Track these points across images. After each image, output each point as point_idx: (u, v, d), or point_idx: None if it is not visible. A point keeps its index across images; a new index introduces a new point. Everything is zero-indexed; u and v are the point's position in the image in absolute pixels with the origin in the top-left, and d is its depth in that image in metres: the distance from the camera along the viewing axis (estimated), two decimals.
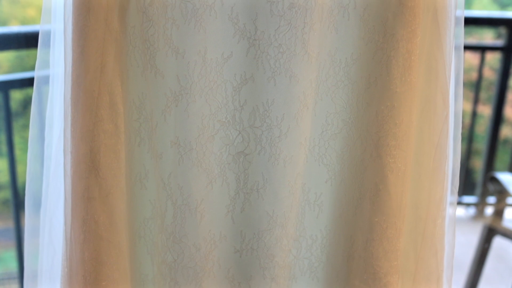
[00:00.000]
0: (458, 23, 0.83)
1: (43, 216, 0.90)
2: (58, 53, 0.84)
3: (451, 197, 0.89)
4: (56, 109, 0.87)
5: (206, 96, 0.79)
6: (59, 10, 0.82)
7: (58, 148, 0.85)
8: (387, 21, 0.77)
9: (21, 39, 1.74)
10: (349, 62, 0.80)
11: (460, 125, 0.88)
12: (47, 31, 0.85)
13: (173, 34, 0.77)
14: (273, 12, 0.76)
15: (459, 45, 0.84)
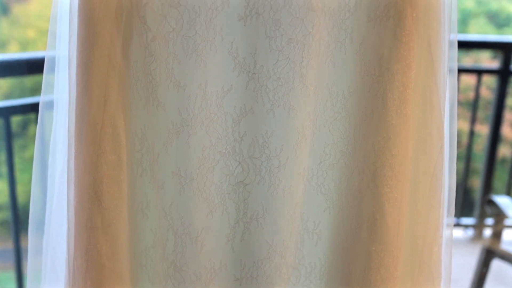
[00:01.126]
0: (452, 47, 0.85)
1: (46, 244, 0.91)
2: (63, 78, 0.86)
3: (448, 218, 0.91)
4: (60, 139, 0.88)
5: (207, 127, 0.81)
6: (64, 37, 0.84)
7: (61, 178, 0.86)
8: (382, 56, 0.79)
9: (22, 65, 1.77)
10: (346, 94, 0.82)
11: (455, 146, 0.90)
12: (52, 57, 0.86)
13: (174, 68, 0.79)
14: (272, 47, 0.78)
15: (453, 68, 0.87)
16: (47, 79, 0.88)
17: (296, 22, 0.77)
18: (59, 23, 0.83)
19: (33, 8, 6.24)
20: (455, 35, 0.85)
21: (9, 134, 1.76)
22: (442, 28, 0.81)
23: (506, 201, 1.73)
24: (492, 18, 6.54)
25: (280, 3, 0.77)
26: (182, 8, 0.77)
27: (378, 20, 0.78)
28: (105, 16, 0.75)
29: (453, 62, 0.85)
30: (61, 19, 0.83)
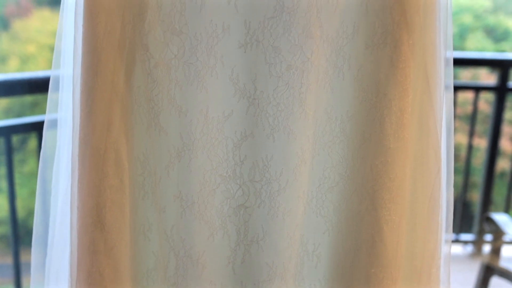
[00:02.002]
0: (448, 64, 0.86)
1: (48, 267, 0.92)
2: (67, 97, 0.87)
3: (446, 235, 0.92)
4: (63, 162, 0.90)
5: (208, 152, 0.82)
6: (68, 56, 0.85)
7: (64, 202, 0.88)
8: (380, 81, 0.81)
9: (24, 85, 1.79)
10: (344, 119, 0.84)
11: (452, 161, 0.91)
12: (57, 76, 0.87)
13: (176, 94, 0.81)
14: (272, 73, 0.80)
15: (449, 85, 0.88)
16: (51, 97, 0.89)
17: (295, 49, 0.79)
18: (64, 43, 0.85)
19: (33, 23, 6.28)
20: (451, 53, 0.86)
21: (9, 152, 1.78)
22: (438, 54, 0.83)
23: (504, 218, 1.74)
24: (489, 32, 6.59)
25: (279, 30, 0.79)
26: (184, 36, 0.79)
27: (375, 47, 0.80)
28: (108, 44, 0.77)
29: (449, 79, 0.87)
30: (66, 39, 0.85)
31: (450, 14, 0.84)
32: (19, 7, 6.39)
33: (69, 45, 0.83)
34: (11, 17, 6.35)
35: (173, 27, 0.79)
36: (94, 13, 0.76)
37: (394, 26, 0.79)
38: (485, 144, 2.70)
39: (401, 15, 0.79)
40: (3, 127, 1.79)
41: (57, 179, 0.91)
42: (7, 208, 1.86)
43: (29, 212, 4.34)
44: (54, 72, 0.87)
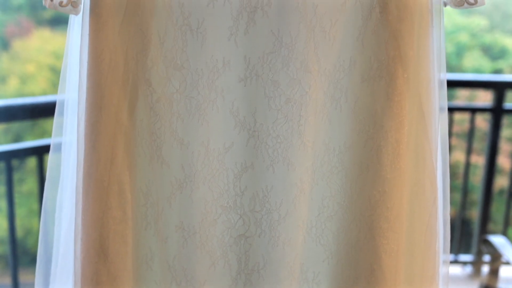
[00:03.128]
0: (441, 86, 0.88)
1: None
2: (71, 121, 0.88)
3: (444, 255, 0.93)
4: (67, 192, 0.91)
5: (209, 183, 0.84)
6: (72, 82, 0.87)
7: (68, 233, 0.89)
8: (376, 114, 0.83)
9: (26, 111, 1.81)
10: (342, 149, 0.86)
11: (448, 181, 0.93)
12: (62, 100, 0.89)
13: (178, 127, 0.83)
14: (271, 107, 0.82)
15: (444, 106, 0.90)
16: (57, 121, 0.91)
17: (294, 83, 0.81)
18: (69, 69, 0.87)
19: (33, 43, 6.32)
20: (444, 75, 0.89)
21: (10, 178, 1.79)
22: (432, 87, 0.85)
23: (501, 241, 1.76)
24: (486, 51, 6.63)
25: (278, 65, 0.81)
26: (185, 71, 0.81)
27: (371, 80, 0.83)
28: (112, 80, 0.79)
29: (443, 100, 0.89)
30: (71, 65, 0.87)
31: (443, 39, 0.86)
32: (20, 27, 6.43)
33: (73, 70, 0.86)
34: (12, 37, 6.39)
35: (175, 63, 0.81)
36: (99, 50, 0.78)
37: (389, 60, 0.81)
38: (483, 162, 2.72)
39: (395, 50, 0.81)
40: (3, 152, 1.81)
41: (60, 209, 0.93)
42: (5, 228, 1.87)
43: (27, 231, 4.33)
44: (60, 96, 0.89)
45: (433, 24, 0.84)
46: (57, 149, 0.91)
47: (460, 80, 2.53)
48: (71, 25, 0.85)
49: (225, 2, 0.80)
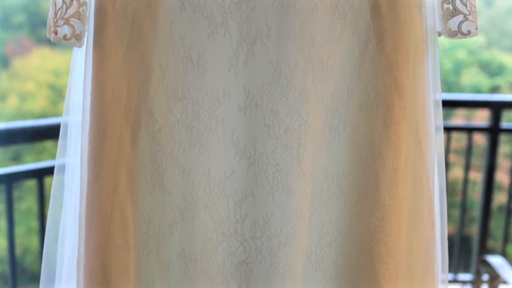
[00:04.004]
0: (437, 106, 0.90)
1: None
2: (75, 143, 0.90)
3: (442, 275, 0.94)
4: (70, 220, 0.93)
5: (210, 210, 0.86)
6: (76, 105, 0.88)
7: (71, 260, 0.90)
8: (374, 142, 0.85)
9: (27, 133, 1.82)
10: (341, 176, 0.87)
11: (445, 200, 0.94)
12: (66, 123, 0.90)
13: (179, 156, 0.84)
14: (271, 135, 0.84)
15: (440, 126, 0.91)
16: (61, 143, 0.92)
17: (293, 112, 0.83)
18: (72, 94, 0.89)
19: (33, 61, 6.34)
20: (440, 95, 0.90)
21: (10, 201, 1.80)
22: (428, 115, 0.87)
23: (499, 261, 1.76)
24: (484, 67, 6.67)
25: (277, 95, 0.83)
26: (186, 101, 0.83)
27: (368, 109, 0.84)
28: (115, 110, 0.81)
29: (439, 120, 0.91)
30: (74, 90, 0.88)
31: (438, 62, 0.88)
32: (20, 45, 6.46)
33: (76, 95, 0.87)
34: (12, 55, 6.41)
35: (176, 93, 0.83)
36: (102, 82, 0.80)
37: (385, 90, 0.83)
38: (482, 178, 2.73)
39: (392, 79, 0.83)
40: (3, 175, 1.82)
41: (63, 237, 0.94)
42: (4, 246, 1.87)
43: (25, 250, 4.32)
44: (64, 119, 0.90)
45: (429, 54, 0.86)
46: (61, 170, 0.93)
47: (457, 100, 2.56)
48: (75, 52, 0.87)
49: (225, 34, 0.82)
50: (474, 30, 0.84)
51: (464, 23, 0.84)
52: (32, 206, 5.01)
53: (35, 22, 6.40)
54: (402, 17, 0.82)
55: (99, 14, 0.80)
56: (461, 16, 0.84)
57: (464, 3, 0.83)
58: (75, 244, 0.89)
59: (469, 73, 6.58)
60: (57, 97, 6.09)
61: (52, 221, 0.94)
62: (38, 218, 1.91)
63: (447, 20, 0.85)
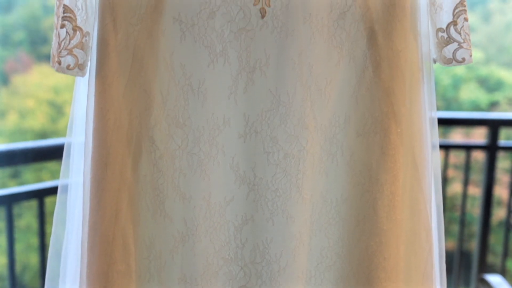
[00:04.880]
0: (433, 124, 0.91)
1: None
2: (77, 163, 0.91)
3: None
4: (72, 245, 0.94)
5: (211, 236, 0.87)
6: (78, 126, 0.90)
7: (72, 286, 0.91)
8: (371, 167, 0.86)
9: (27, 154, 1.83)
10: (339, 201, 0.89)
11: (442, 215, 0.95)
12: (70, 143, 0.92)
13: (180, 182, 0.86)
14: (270, 161, 0.85)
15: (436, 144, 0.93)
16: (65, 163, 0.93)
17: (291, 139, 0.85)
18: (76, 115, 0.90)
19: (33, 78, 6.36)
20: (435, 113, 0.92)
21: (10, 223, 1.80)
22: (425, 141, 0.88)
23: (498, 280, 1.77)
24: (482, 83, 6.70)
25: (276, 122, 0.84)
26: (187, 128, 0.85)
27: (366, 135, 0.86)
28: (117, 138, 0.82)
29: (435, 138, 0.92)
30: (77, 110, 0.90)
31: (433, 80, 0.90)
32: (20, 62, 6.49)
33: (79, 117, 0.89)
34: (11, 72, 6.44)
35: (177, 121, 0.85)
36: (104, 111, 0.82)
37: (382, 116, 0.85)
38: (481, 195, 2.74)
39: (388, 106, 0.85)
40: (3, 196, 1.82)
41: (65, 263, 0.95)
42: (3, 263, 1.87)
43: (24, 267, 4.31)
44: (67, 139, 0.92)
45: (424, 80, 0.88)
46: (65, 190, 0.94)
47: (455, 118, 2.58)
48: (78, 79, 0.89)
49: (225, 62, 0.83)
50: (468, 58, 0.86)
51: (459, 51, 0.86)
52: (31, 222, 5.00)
53: (35, 39, 6.43)
54: (397, 45, 0.84)
55: (101, 44, 0.82)
56: (456, 44, 0.86)
57: (458, 31, 0.85)
58: (77, 269, 0.90)
59: (468, 89, 6.61)
60: (57, 114, 6.11)
61: (55, 239, 0.95)
62: (38, 236, 1.92)
63: (442, 48, 0.87)
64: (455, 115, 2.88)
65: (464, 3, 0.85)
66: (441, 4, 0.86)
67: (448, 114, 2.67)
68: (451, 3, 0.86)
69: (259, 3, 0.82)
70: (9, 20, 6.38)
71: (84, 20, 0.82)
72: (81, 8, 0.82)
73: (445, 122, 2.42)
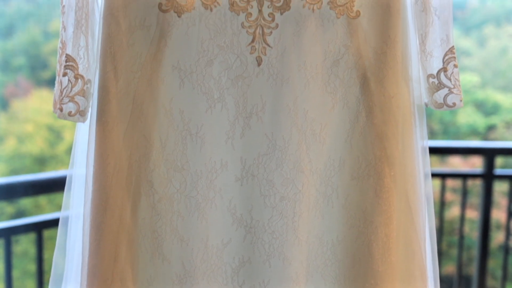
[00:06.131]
0: (424, 153, 0.93)
1: None
2: (77, 196, 0.92)
3: None
4: (71, 284, 0.95)
5: (208, 278, 0.88)
6: (78, 159, 0.92)
7: None
8: (366, 210, 0.88)
9: (28, 187, 1.84)
10: (335, 243, 0.90)
11: (435, 245, 0.96)
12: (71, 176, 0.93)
13: (178, 225, 0.87)
14: (267, 204, 0.87)
15: (428, 173, 0.94)
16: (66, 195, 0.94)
17: (288, 182, 0.87)
18: (77, 147, 0.92)
19: (32, 103, 6.38)
20: (427, 142, 0.94)
21: (9, 256, 1.80)
22: (418, 182, 0.90)
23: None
24: (479, 106, 6.74)
25: (272, 166, 0.86)
26: (185, 172, 0.87)
27: (360, 178, 0.88)
28: (117, 183, 0.84)
29: (427, 167, 0.94)
30: (79, 142, 0.92)
31: (424, 115, 0.92)
32: (19, 87, 6.51)
33: (81, 149, 0.91)
34: (11, 97, 6.46)
35: (175, 165, 0.87)
36: (104, 156, 0.84)
37: (376, 160, 0.87)
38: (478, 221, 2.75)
39: (382, 150, 0.87)
40: (2, 229, 1.82)
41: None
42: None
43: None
44: (69, 172, 0.93)
45: (416, 124, 0.90)
46: (67, 221, 0.95)
47: (451, 147, 2.61)
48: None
49: (222, 108, 0.86)
50: (459, 103, 0.88)
51: (449, 96, 0.88)
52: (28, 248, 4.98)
53: (35, 65, 6.47)
54: (389, 91, 0.87)
55: (102, 91, 0.84)
56: (446, 90, 0.88)
57: (448, 77, 0.88)
58: None
59: (465, 113, 6.65)
60: (56, 138, 6.12)
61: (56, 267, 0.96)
62: (36, 268, 1.92)
63: (433, 93, 0.89)
64: (451, 144, 2.91)
65: (453, 50, 0.88)
66: (431, 52, 0.88)
67: (444, 143, 2.70)
68: (441, 51, 0.88)
69: (255, 51, 0.85)
70: (9, 46, 6.43)
71: (85, 68, 0.85)
72: (83, 57, 0.84)
73: (442, 151, 2.45)
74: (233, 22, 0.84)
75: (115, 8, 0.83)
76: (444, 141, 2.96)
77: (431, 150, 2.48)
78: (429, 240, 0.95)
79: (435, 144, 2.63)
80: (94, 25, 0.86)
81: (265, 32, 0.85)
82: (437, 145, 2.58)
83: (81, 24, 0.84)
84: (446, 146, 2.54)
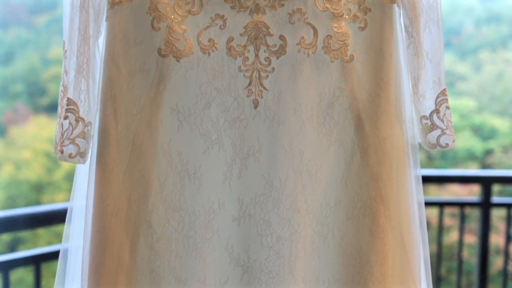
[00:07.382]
0: (417, 182, 0.95)
1: None
2: (77, 228, 0.93)
3: None
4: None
5: None
6: (79, 191, 0.93)
7: None
8: (361, 249, 0.89)
9: (26, 220, 1.84)
10: (331, 282, 0.91)
11: (429, 270, 0.97)
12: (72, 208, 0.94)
13: (176, 264, 0.88)
14: (263, 244, 0.88)
15: (421, 201, 0.95)
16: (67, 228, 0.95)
17: (284, 222, 0.88)
18: (77, 181, 0.93)
19: (29, 129, 6.38)
20: (419, 171, 0.96)
21: None
22: (413, 221, 0.92)
23: None
24: (476, 131, 6.76)
25: (269, 206, 0.88)
26: (183, 212, 0.88)
27: (355, 218, 0.90)
28: (116, 223, 0.86)
29: (420, 195, 0.95)
30: (80, 176, 0.93)
31: (417, 148, 0.94)
32: (17, 114, 6.52)
33: (82, 183, 0.92)
34: (8, 123, 6.46)
35: (174, 205, 0.88)
36: (104, 197, 0.85)
37: (371, 200, 0.89)
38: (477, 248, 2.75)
39: (376, 191, 0.89)
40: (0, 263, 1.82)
41: None
42: None
43: None
44: (70, 204, 0.94)
45: (410, 164, 0.92)
46: (66, 253, 0.95)
47: (449, 176, 2.63)
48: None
49: (220, 149, 0.88)
50: (451, 143, 0.90)
51: (442, 137, 0.90)
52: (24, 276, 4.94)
53: (33, 91, 6.49)
54: (383, 133, 0.89)
55: (102, 133, 0.86)
56: (439, 131, 0.90)
57: (441, 118, 0.90)
58: None
59: (462, 137, 6.67)
60: (53, 165, 6.11)
61: None
62: None
63: (426, 133, 0.91)
64: (449, 173, 2.94)
65: (445, 92, 0.90)
66: (424, 94, 0.91)
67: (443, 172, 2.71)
68: (433, 93, 0.91)
69: (252, 94, 0.87)
70: (8, 73, 6.46)
71: (86, 111, 0.87)
72: (84, 100, 0.86)
73: (439, 180, 2.47)
74: (231, 66, 0.87)
75: (115, 54, 0.86)
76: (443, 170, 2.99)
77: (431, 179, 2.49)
78: (423, 268, 0.96)
79: (434, 172, 2.66)
80: (95, 69, 0.88)
81: (261, 75, 0.87)
82: (436, 173, 2.61)
83: (83, 68, 0.86)
84: (445, 175, 2.56)
